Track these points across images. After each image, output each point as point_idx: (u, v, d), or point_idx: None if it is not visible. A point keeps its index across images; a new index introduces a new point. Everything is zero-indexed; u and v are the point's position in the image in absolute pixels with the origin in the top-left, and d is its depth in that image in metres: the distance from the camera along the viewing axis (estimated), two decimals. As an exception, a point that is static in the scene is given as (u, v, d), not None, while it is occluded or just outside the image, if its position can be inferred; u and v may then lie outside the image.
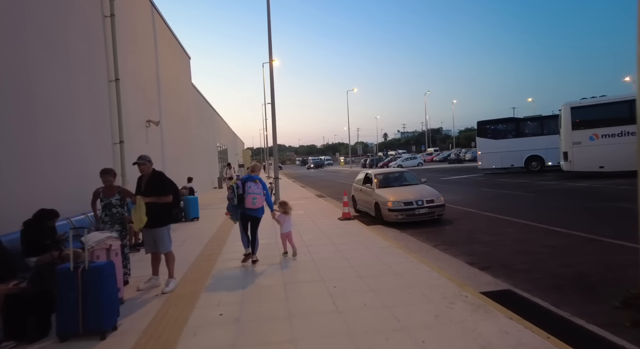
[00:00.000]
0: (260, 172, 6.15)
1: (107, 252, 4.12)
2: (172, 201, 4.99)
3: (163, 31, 14.30)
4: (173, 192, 5.01)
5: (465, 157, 45.12)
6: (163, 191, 4.86)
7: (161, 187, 4.87)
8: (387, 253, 6.16)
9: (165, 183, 4.95)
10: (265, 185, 5.99)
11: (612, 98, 16.60)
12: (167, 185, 4.95)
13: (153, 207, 4.73)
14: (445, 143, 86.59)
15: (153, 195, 4.79)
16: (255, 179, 5.86)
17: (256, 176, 5.94)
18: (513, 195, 13.19)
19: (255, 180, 5.85)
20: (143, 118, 11.46)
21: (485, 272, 5.27)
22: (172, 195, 4.97)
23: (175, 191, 5.08)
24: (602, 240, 6.41)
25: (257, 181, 5.84)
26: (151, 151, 12.05)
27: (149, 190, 4.82)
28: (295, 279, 5.03)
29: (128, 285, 5.02)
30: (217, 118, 31.56)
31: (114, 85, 9.02)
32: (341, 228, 8.61)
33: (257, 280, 5.06)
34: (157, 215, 4.77)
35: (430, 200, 9.01)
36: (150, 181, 4.90)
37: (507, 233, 7.47)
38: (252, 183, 5.76)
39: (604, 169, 16.16)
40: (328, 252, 6.40)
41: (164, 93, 14.06)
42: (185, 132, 17.57)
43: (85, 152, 7.64)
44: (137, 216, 4.65)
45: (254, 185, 5.76)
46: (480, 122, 24.06)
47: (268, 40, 14.64)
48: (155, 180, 4.93)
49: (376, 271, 5.18)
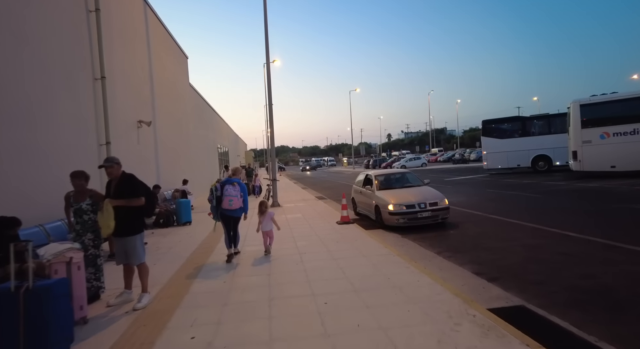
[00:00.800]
0: (241, 176, 6.52)
1: (67, 266, 3.65)
2: (145, 205, 4.52)
3: (156, 29, 13.88)
4: (145, 195, 4.54)
5: (469, 157, 44.38)
6: (133, 194, 4.40)
7: (131, 190, 4.42)
8: (387, 261, 5.65)
9: (136, 185, 4.49)
10: (244, 187, 6.42)
11: (624, 95, 15.94)
12: (138, 187, 4.48)
13: (123, 213, 4.27)
14: (450, 143, 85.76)
15: (122, 197, 4.33)
16: (233, 182, 6.32)
17: (235, 180, 6.44)
18: (520, 196, 12.61)
19: (233, 183, 6.30)
20: (134, 119, 11.03)
21: (494, 284, 4.74)
22: (144, 197, 4.50)
23: (147, 194, 4.61)
24: (622, 247, 5.85)
25: (235, 184, 6.28)
26: (143, 152, 11.64)
27: (118, 193, 4.37)
28: (283, 293, 4.53)
29: (100, 300, 4.55)
30: (217, 119, 31.17)
31: (99, 83, 8.58)
32: (339, 233, 8.10)
33: (241, 295, 4.56)
34: (128, 222, 4.31)
35: (434, 202, 8.47)
36: (120, 184, 4.45)
37: (517, 239, 6.93)
38: (230, 186, 6.21)
39: (616, 169, 15.52)
40: (322, 261, 5.90)
41: (159, 92, 13.64)
42: (182, 133, 17.15)
43: (66, 154, 7.19)
44: (104, 222, 4.19)
45: (232, 187, 6.21)
46: (485, 121, 23.44)
47: (265, 42, 14.20)
48: (125, 182, 4.47)
49: (373, 283, 4.67)
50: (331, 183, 27.00)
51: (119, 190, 4.38)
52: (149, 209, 4.87)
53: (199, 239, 8.25)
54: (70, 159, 7.26)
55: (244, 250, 6.95)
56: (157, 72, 13.48)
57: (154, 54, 13.26)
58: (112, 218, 4.16)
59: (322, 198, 16.35)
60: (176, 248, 7.52)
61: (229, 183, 6.25)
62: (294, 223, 9.80)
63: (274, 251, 6.68)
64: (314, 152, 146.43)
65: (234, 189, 6.19)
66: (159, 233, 9.41)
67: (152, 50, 13.07)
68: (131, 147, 10.72)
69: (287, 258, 6.17)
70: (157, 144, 13.06)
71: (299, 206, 13.36)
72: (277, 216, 10.98)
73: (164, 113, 14.29)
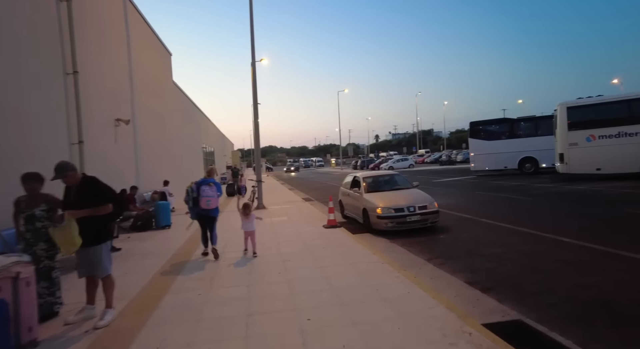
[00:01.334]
0: (215, 176, 6.80)
1: (12, 282, 3.19)
2: (113, 211, 4.07)
3: (137, 24, 13.31)
4: (113, 200, 4.09)
5: (456, 158, 44.61)
6: (99, 201, 3.94)
7: (96, 196, 3.95)
8: (375, 270, 5.32)
9: (101, 191, 4.02)
10: (219, 186, 6.52)
11: (610, 98, 16.03)
12: (104, 193, 4.03)
13: (87, 220, 3.82)
14: (437, 145, 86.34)
15: (87, 206, 3.87)
16: (209, 182, 6.41)
17: (211, 180, 6.52)
18: (510, 199, 12.47)
19: (209, 183, 6.39)
20: (111, 117, 10.48)
21: (489, 295, 4.44)
22: (111, 204, 4.05)
23: (115, 198, 4.15)
24: (619, 254, 5.64)
25: (211, 185, 6.38)
26: (122, 152, 11.09)
27: (81, 201, 3.89)
28: (262, 308, 4.14)
29: (58, 317, 4.08)
30: (203, 118, 30.53)
31: (71, 78, 8.04)
32: (325, 238, 7.75)
33: (216, 310, 4.16)
34: (92, 230, 3.86)
35: (423, 205, 8.19)
36: (82, 190, 3.95)
37: (510, 244, 6.68)
38: (207, 187, 6.31)
39: (601, 171, 15.57)
40: (307, 269, 5.53)
41: (140, 90, 13.08)
42: (165, 132, 16.56)
43: (30, 154, 6.64)
44: (67, 238, 3.70)
45: (208, 188, 6.30)
46: (472, 123, 23.43)
47: (251, 43, 13.72)
48: (88, 188, 3.98)
49: (360, 295, 4.33)
50: (319, 184, 26.65)
51: (81, 197, 3.90)
52: (117, 214, 4.43)
53: (177, 244, 7.79)
54: (37, 160, 6.71)
55: (225, 256, 6.54)
56: (137, 69, 12.92)
57: (134, 49, 12.69)
58: (76, 234, 3.69)
59: (309, 199, 15.98)
60: (152, 254, 7.05)
61: (205, 184, 6.37)
62: (279, 226, 9.41)
63: (256, 258, 6.30)
64: (302, 152, 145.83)
65: (211, 189, 6.33)
66: (136, 237, 8.91)
67: (132, 45, 12.50)
68: (108, 146, 10.17)
69: (270, 266, 5.79)
70: (137, 143, 12.49)
71: (285, 209, 12.97)
72: (263, 219, 10.65)
73: (145, 111, 13.72)
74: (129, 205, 9.63)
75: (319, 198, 16.27)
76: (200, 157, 26.99)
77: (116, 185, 10.09)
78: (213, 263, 6.19)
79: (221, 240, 7.36)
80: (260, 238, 8.01)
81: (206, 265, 6.10)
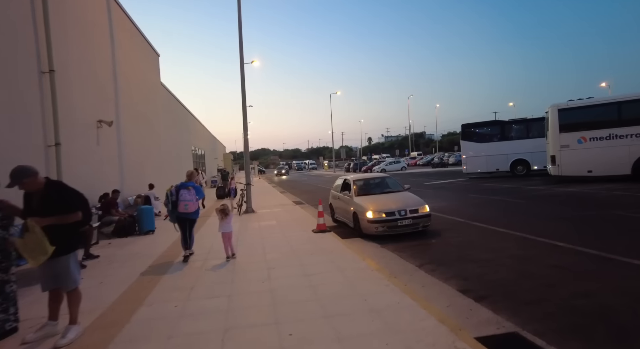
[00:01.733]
0: (196, 179, 6.84)
1: (-42, 298, 2.87)
2: (82, 219, 3.75)
3: (122, 22, 12.95)
4: (82, 207, 3.77)
5: (448, 160, 44.71)
6: (67, 208, 3.61)
7: (63, 203, 3.61)
8: (364, 277, 5.06)
9: (69, 197, 3.69)
10: (199, 190, 6.53)
11: (601, 100, 16.06)
12: (71, 199, 3.70)
13: (53, 229, 3.48)
14: (429, 147, 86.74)
15: (52, 214, 3.53)
16: (188, 186, 6.42)
17: (190, 184, 6.51)
18: (502, 201, 12.33)
19: (188, 187, 6.40)
20: (93, 118, 10.13)
21: (483, 304, 4.21)
22: (80, 211, 3.72)
23: (84, 205, 3.83)
24: (614, 259, 5.46)
25: (190, 189, 6.40)
26: (104, 154, 10.72)
27: (46, 208, 3.52)
28: (241, 322, 3.85)
29: (16, 334, 3.74)
30: (193, 120, 30.10)
31: (47, 77, 7.69)
32: (314, 243, 7.48)
33: (191, 324, 3.86)
34: (58, 239, 3.51)
35: (415, 209, 7.97)
36: (46, 197, 3.58)
37: (503, 249, 6.48)
38: (185, 191, 6.34)
39: (592, 173, 15.55)
40: (292, 277, 5.25)
41: (124, 91, 12.71)
42: (151, 134, 16.17)
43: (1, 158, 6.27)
44: (35, 248, 3.36)
45: (187, 192, 6.34)
46: (464, 125, 23.39)
47: (239, 42, 13.44)
48: (53, 194, 3.61)
49: (348, 306, 4.06)
50: (311, 187, 26.38)
51: (46, 204, 3.54)
52: (86, 221, 4.08)
53: (159, 251, 7.45)
54: (9, 163, 6.34)
55: (208, 264, 6.25)
56: (122, 69, 12.56)
57: (119, 49, 12.33)
58: (46, 242, 3.36)
59: (299, 203, 15.71)
60: (131, 261, 6.71)
61: (183, 188, 6.40)
62: (266, 231, 9.12)
63: (240, 264, 6.02)
64: (295, 154, 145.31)
65: (189, 193, 6.36)
66: (117, 243, 8.54)
67: (116, 45, 12.15)
68: (89, 148, 9.81)
69: (254, 275, 5.50)
70: (121, 145, 12.11)
71: (274, 212, 12.68)
72: (250, 224, 10.38)
73: (131, 112, 13.35)
74: (111, 209, 9.26)
75: (310, 201, 16.00)
76: (190, 159, 26.56)
77: (98, 188, 9.80)
78: (194, 270, 5.88)
79: (207, 244, 7.11)
80: (246, 243, 7.75)
81: (187, 272, 5.80)
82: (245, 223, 10.59)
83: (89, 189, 9.49)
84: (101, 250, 7.68)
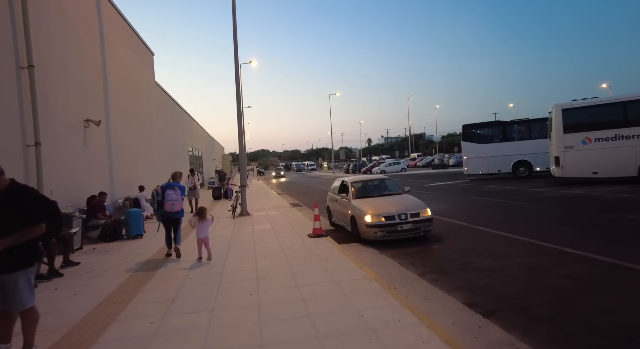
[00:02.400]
0: (181, 179, 6.92)
1: None
2: (47, 230, 3.24)
3: (113, 19, 12.53)
4: (48, 217, 3.25)
5: (448, 162, 44.27)
6: (28, 220, 3.07)
7: (23, 213, 3.08)
8: (361, 289, 4.64)
9: (29, 206, 3.13)
10: (184, 190, 6.74)
11: (606, 100, 15.67)
12: (32, 209, 3.14)
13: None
14: (429, 149, 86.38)
15: (8, 224, 3.01)
16: (174, 186, 6.58)
17: (175, 184, 6.67)
18: (506, 204, 11.91)
19: (174, 187, 6.57)
20: (80, 117, 9.70)
21: (492, 321, 3.79)
22: (44, 222, 3.19)
23: (52, 214, 3.33)
24: (632, 268, 5.04)
25: (175, 189, 6.57)
26: (92, 155, 10.29)
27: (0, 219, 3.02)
28: (221, 343, 3.41)
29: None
30: (189, 121, 29.66)
31: (26, 72, 7.27)
32: (309, 249, 7.05)
33: (165, 345, 3.42)
34: (8, 251, 3.01)
35: (416, 213, 7.55)
36: (4, 203, 3.05)
37: (510, 256, 6.05)
38: (171, 191, 6.51)
39: (598, 175, 15.14)
40: (283, 289, 4.82)
41: (115, 89, 12.29)
42: (144, 135, 15.74)
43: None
44: None
45: (173, 192, 6.50)
46: (465, 126, 22.98)
47: (234, 46, 13.04)
48: (12, 201, 3.07)
49: (342, 325, 3.63)
50: (309, 188, 25.97)
51: (1, 212, 3.03)
52: (53, 233, 3.56)
53: (144, 257, 7.01)
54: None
55: (193, 273, 5.81)
56: (112, 67, 12.13)
57: (108, 46, 11.91)
58: None
59: (297, 205, 15.29)
60: (113, 269, 6.27)
61: (169, 188, 6.53)
62: (260, 236, 8.69)
63: (228, 274, 5.59)
64: (295, 156, 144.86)
65: (175, 193, 6.51)
66: (102, 248, 8.10)
67: (106, 41, 11.72)
68: (75, 149, 9.38)
69: (241, 286, 5.07)
70: (111, 146, 11.69)
71: (270, 215, 12.25)
72: (244, 228, 9.96)
73: (122, 112, 12.92)
74: (97, 212, 8.83)
75: (308, 203, 15.58)
76: (186, 161, 26.11)
77: (86, 191, 9.36)
78: (178, 280, 5.45)
79: (194, 251, 6.67)
80: (237, 249, 7.33)
81: (170, 282, 5.35)
82: (238, 227, 10.16)
83: (74, 191, 9.08)
84: (83, 257, 7.24)
